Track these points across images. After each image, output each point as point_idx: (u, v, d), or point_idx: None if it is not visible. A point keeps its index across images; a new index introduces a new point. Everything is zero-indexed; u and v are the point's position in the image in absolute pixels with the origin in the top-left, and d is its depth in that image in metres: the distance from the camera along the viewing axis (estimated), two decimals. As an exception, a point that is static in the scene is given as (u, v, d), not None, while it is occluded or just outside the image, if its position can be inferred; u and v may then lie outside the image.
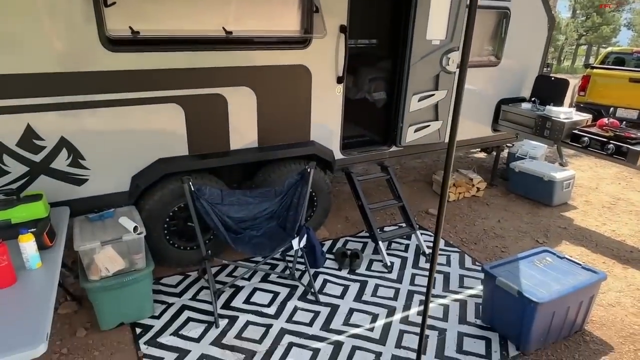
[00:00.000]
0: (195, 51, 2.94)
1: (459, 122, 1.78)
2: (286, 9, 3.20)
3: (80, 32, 2.57)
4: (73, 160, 2.82)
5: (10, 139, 2.60)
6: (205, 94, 3.08)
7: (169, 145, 3.09)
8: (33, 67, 2.52)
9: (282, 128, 3.50)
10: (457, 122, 1.77)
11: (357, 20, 3.57)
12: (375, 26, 4.48)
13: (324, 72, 3.50)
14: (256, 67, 3.19)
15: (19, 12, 2.40)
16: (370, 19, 4.41)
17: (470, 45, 1.68)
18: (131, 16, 2.69)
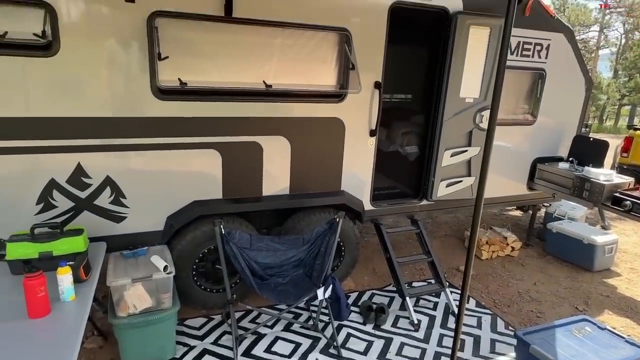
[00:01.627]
0: (235, 102, 3.12)
1: (492, 178, 1.79)
2: (324, 65, 3.38)
3: (135, 82, 2.80)
4: (115, 199, 2.98)
5: (62, 176, 2.80)
6: (243, 141, 3.23)
7: (204, 188, 3.21)
8: (89, 111, 2.75)
9: (314, 177, 3.58)
10: (485, 177, 1.78)
11: (393, 75, 3.70)
12: (410, 81, 4.62)
13: (358, 125, 3.61)
14: (292, 118, 3.34)
15: (82, 62, 2.66)
16: (405, 75, 4.56)
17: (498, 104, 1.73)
18: (180, 69, 2.92)
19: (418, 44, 4.31)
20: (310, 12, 3.16)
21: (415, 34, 4.17)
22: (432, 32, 3.94)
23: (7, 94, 2.55)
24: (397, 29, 3.59)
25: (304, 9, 3.13)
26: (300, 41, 3.23)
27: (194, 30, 2.91)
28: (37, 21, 2.51)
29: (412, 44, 4.29)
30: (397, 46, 3.67)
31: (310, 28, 3.21)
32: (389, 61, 3.56)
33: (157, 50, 2.76)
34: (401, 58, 4.09)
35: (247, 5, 2.94)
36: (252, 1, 2.95)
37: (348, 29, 3.31)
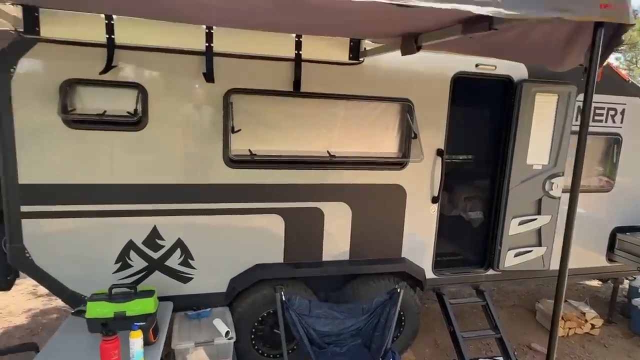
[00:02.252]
0: (300, 169, 3.25)
1: None
2: (386, 133, 3.45)
3: (209, 153, 3.03)
4: (184, 260, 3.13)
5: (139, 238, 3.01)
6: (305, 207, 3.31)
7: (267, 252, 3.29)
8: (167, 179, 2.99)
9: (375, 243, 3.55)
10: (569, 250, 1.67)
11: (454, 134, 3.67)
12: (470, 141, 4.55)
13: (419, 192, 3.58)
14: (353, 184, 3.39)
15: (165, 135, 2.93)
16: (466, 134, 4.51)
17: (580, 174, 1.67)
18: (250, 139, 3.12)
19: (480, 104, 4.29)
20: (373, 85, 3.29)
21: (478, 96, 4.17)
22: (495, 95, 3.92)
23: (98, 163, 2.85)
24: (459, 91, 3.61)
25: (367, 82, 3.27)
26: (363, 111, 3.35)
27: (264, 104, 3.13)
28: (131, 100, 2.83)
29: (474, 104, 4.27)
30: (458, 106, 3.67)
31: (373, 99, 3.32)
32: (450, 124, 3.57)
33: (232, 124, 2.99)
34: (461, 117, 4.07)
35: (313, 82, 3.13)
36: (318, 78, 3.14)
37: (410, 100, 3.39)
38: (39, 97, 2.69)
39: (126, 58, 2.79)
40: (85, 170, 2.84)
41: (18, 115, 2.69)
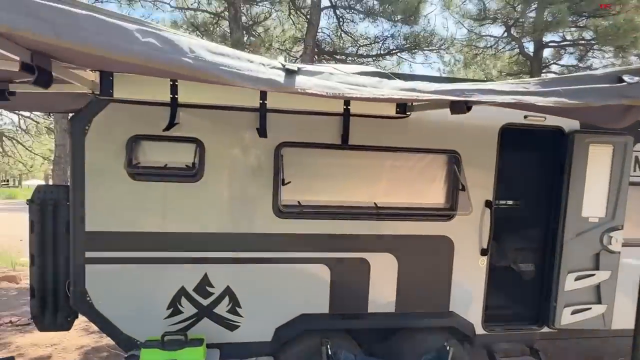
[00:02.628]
0: (346, 219, 3.28)
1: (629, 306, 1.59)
2: (432, 185, 3.45)
3: (259, 204, 3.14)
4: (232, 307, 3.19)
5: (190, 285, 3.12)
6: (351, 257, 3.32)
7: (312, 302, 3.30)
8: (219, 227, 3.11)
9: (421, 296, 3.47)
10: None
11: (502, 181, 3.59)
12: (520, 188, 4.42)
13: (467, 244, 3.50)
14: (400, 235, 3.38)
15: (219, 186, 3.08)
16: (515, 181, 4.40)
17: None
18: (298, 190, 3.21)
19: (529, 152, 4.20)
20: (419, 137, 3.33)
21: (527, 145, 4.09)
22: (544, 143, 3.84)
23: (157, 213, 3.02)
24: (507, 140, 3.57)
25: (413, 135, 3.32)
26: (410, 163, 3.38)
27: (313, 156, 3.23)
28: (189, 154, 3.02)
29: (523, 152, 4.18)
30: (506, 154, 3.61)
31: (420, 151, 3.35)
32: (504, 167, 3.51)
33: (282, 176, 3.10)
34: (509, 165, 3.99)
35: (361, 135, 3.22)
36: (366, 132, 3.22)
37: (457, 151, 3.39)
38: (108, 152, 2.93)
39: (186, 115, 3.00)
40: (144, 219, 3.02)
41: (88, 167, 2.92)
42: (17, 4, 1.11)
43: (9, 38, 1.52)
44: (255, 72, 1.46)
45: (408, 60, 10.84)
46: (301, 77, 1.54)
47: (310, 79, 1.54)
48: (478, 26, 10.97)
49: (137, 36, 1.19)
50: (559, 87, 1.44)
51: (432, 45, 9.72)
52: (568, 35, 11.50)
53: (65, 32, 1.16)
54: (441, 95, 1.65)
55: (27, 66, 1.89)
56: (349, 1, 8.35)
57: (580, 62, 11.96)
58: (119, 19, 1.20)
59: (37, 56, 1.88)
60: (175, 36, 1.29)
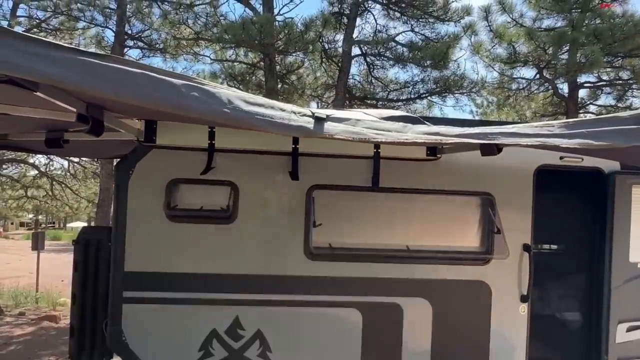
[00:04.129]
0: (377, 262, 3.25)
1: None
2: (466, 228, 3.39)
3: (291, 246, 3.16)
4: (262, 352, 3.15)
5: (222, 327, 3.12)
6: (383, 302, 3.25)
7: (344, 349, 3.20)
8: (250, 269, 3.15)
9: (458, 344, 3.32)
10: None
11: (538, 224, 3.46)
12: (559, 230, 4.24)
13: (506, 290, 3.36)
14: (433, 280, 3.29)
15: (252, 228, 3.15)
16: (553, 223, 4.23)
17: None
18: (329, 233, 3.22)
19: (566, 194, 4.07)
20: (451, 179, 3.32)
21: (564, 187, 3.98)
22: (583, 185, 3.72)
23: (192, 254, 3.11)
24: (544, 182, 3.48)
25: (445, 177, 3.31)
26: (442, 205, 3.35)
27: (344, 199, 3.27)
28: (224, 196, 3.13)
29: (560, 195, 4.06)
30: (543, 196, 3.50)
31: (452, 193, 3.33)
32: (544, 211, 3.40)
33: (313, 218, 3.14)
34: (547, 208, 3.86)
35: (392, 177, 3.24)
36: (397, 174, 3.25)
37: (491, 193, 3.34)
38: (149, 195, 3.08)
39: (222, 159, 3.13)
40: (180, 260, 3.10)
41: (130, 209, 3.07)
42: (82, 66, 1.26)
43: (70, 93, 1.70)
44: (287, 120, 1.57)
45: (439, 103, 10.94)
46: (329, 124, 1.65)
47: (337, 125, 1.64)
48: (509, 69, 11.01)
49: (183, 91, 1.32)
50: (584, 129, 1.44)
51: (462, 89, 9.79)
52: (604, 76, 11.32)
53: (122, 89, 1.30)
54: (464, 138, 1.68)
55: (82, 117, 2.07)
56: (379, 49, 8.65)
57: (619, 102, 11.66)
58: (168, 75, 1.34)
59: (91, 108, 2.07)
60: (216, 89, 1.42)
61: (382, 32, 9.27)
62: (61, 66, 1.23)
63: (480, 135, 1.65)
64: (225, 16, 8.23)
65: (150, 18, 7.95)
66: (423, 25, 9.37)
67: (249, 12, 8.07)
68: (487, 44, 10.10)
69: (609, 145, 1.42)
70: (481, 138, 1.61)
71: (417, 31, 9.35)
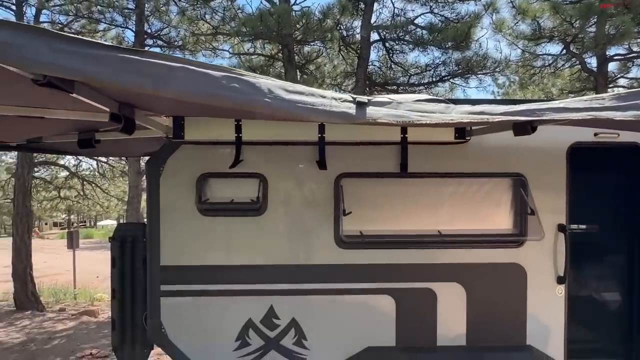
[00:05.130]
0: (409, 249, 3.23)
1: None
2: (498, 210, 3.32)
3: (322, 235, 3.18)
4: (297, 340, 3.20)
5: (257, 317, 3.18)
6: (416, 287, 3.24)
7: (378, 334, 3.22)
8: (283, 259, 3.18)
9: (494, 328, 3.28)
10: None
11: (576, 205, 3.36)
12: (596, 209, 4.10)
13: (542, 272, 3.29)
14: (466, 264, 3.26)
15: (282, 219, 3.17)
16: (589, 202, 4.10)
17: None
18: (359, 220, 3.22)
19: (603, 172, 3.93)
20: (481, 161, 3.25)
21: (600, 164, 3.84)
22: (621, 162, 3.59)
23: (224, 246, 3.16)
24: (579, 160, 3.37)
25: (474, 159, 3.25)
26: (473, 188, 3.29)
27: (373, 186, 3.25)
28: (253, 189, 3.16)
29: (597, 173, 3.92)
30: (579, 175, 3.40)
31: (482, 176, 3.26)
32: (581, 191, 3.31)
33: (342, 207, 3.14)
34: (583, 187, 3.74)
35: (420, 162, 3.20)
36: (425, 159, 3.21)
37: (523, 174, 3.26)
38: (180, 190, 3.14)
39: (250, 152, 3.16)
40: (214, 253, 3.16)
41: (163, 205, 3.14)
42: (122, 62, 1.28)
43: (105, 92, 1.74)
44: (328, 106, 1.55)
45: (461, 85, 10.69)
46: (371, 109, 1.61)
47: (380, 109, 1.60)
48: (534, 45, 10.64)
49: (224, 82, 1.32)
50: (638, 100, 1.37)
51: (485, 69, 9.54)
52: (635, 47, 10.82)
53: (162, 84, 1.32)
54: (512, 116, 1.62)
55: (115, 116, 2.12)
56: (398, 33, 8.49)
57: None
58: (207, 68, 1.35)
59: (123, 106, 2.11)
60: (255, 79, 1.41)
61: (401, 15, 9.08)
62: (100, 64, 1.25)
63: (528, 112, 1.58)
64: (242, 9, 8.24)
65: (168, 16, 8.04)
66: (442, 6, 9.14)
67: (265, 4, 8.05)
68: (510, 21, 9.77)
69: None
70: (529, 115, 1.55)
71: (436, 12, 9.12)
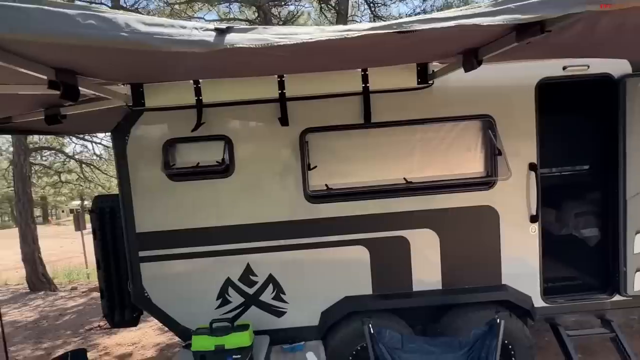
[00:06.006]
0: (379, 199, 3.24)
1: None
2: (467, 153, 3.29)
3: (291, 191, 3.20)
4: (276, 294, 3.29)
5: (235, 275, 3.27)
6: (388, 236, 3.27)
7: (355, 284, 3.30)
8: (255, 219, 3.23)
9: (469, 270, 3.33)
10: None
11: (558, 147, 3.32)
12: (585, 149, 4.06)
13: (514, 212, 3.30)
14: (437, 209, 3.27)
15: (250, 179, 3.19)
16: (566, 144, 4.04)
17: None
18: (327, 174, 3.23)
19: (577, 109, 3.86)
20: (447, 105, 3.20)
21: (573, 100, 3.76)
22: (593, 96, 3.51)
23: (197, 210, 3.21)
24: (549, 98, 3.31)
25: (440, 104, 3.20)
26: (440, 134, 3.26)
27: (338, 139, 3.24)
28: (218, 151, 3.17)
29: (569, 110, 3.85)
30: (551, 114, 3.34)
31: (449, 120, 3.22)
32: (551, 132, 3.26)
33: (307, 161, 3.14)
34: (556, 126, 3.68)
35: (384, 111, 3.16)
36: (388, 107, 3.16)
37: (491, 115, 3.21)
38: (147, 158, 3.16)
39: (212, 114, 3.14)
40: (186, 217, 3.21)
41: (132, 175, 3.18)
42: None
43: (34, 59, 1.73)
44: (187, 36, 1.54)
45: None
46: (232, 35, 1.59)
47: (241, 35, 1.57)
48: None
49: (79, 20, 1.32)
50: (511, 4, 1.30)
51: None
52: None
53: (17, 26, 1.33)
54: (376, 30, 1.54)
55: (53, 83, 2.11)
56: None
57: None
58: (63, 7, 1.34)
59: (60, 73, 2.10)
60: (113, 15, 1.40)
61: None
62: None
63: (394, 25, 1.50)
64: None
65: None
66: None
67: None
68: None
69: (537, 17, 1.29)
70: (394, 29, 1.48)
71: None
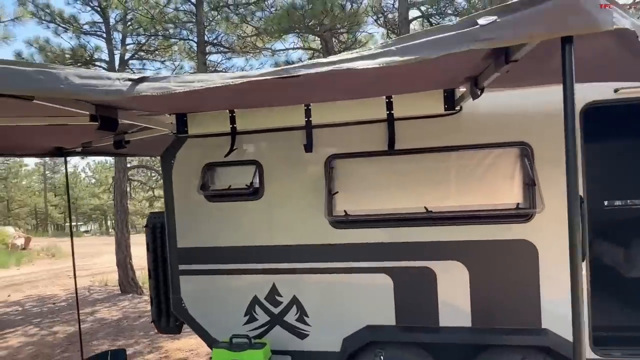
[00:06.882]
0: (403, 227, 3.17)
1: None
2: (501, 183, 3.07)
3: (315, 215, 3.27)
4: (299, 316, 3.36)
5: (262, 294, 3.41)
6: (413, 266, 3.17)
7: (377, 313, 3.23)
8: (282, 240, 3.36)
9: (503, 309, 3.08)
10: None
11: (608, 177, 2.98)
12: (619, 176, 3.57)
13: (556, 248, 2.98)
14: (467, 241, 3.10)
15: (278, 202, 3.35)
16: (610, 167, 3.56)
17: None
18: (352, 201, 3.25)
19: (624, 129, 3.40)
20: (477, 132, 3.05)
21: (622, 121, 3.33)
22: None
23: (229, 229, 3.44)
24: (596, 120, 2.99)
25: (469, 130, 3.06)
26: (469, 161, 3.10)
27: (363, 165, 3.25)
28: (249, 175, 3.38)
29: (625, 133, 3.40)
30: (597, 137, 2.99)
31: (479, 148, 3.06)
32: (612, 162, 2.94)
33: (333, 187, 3.21)
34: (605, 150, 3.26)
35: (409, 138, 3.12)
36: (414, 134, 3.11)
37: (527, 142, 2.99)
38: (188, 180, 3.49)
39: (245, 141, 3.38)
40: (219, 235, 3.46)
41: (176, 195, 3.53)
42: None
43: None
44: (108, 86, 1.79)
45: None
46: (143, 84, 1.80)
47: (148, 84, 1.80)
48: None
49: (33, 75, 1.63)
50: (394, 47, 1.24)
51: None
52: None
53: None
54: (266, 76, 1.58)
55: (94, 117, 2.49)
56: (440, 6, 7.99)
57: None
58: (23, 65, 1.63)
59: (100, 108, 2.47)
60: (58, 70, 1.70)
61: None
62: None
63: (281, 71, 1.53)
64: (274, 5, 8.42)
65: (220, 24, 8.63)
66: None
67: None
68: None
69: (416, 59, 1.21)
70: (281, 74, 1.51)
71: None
